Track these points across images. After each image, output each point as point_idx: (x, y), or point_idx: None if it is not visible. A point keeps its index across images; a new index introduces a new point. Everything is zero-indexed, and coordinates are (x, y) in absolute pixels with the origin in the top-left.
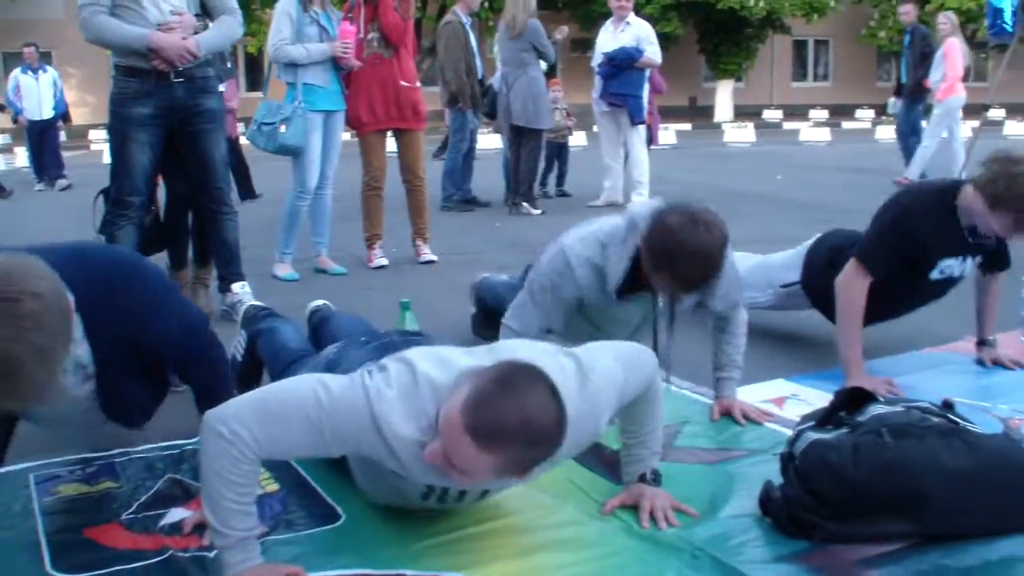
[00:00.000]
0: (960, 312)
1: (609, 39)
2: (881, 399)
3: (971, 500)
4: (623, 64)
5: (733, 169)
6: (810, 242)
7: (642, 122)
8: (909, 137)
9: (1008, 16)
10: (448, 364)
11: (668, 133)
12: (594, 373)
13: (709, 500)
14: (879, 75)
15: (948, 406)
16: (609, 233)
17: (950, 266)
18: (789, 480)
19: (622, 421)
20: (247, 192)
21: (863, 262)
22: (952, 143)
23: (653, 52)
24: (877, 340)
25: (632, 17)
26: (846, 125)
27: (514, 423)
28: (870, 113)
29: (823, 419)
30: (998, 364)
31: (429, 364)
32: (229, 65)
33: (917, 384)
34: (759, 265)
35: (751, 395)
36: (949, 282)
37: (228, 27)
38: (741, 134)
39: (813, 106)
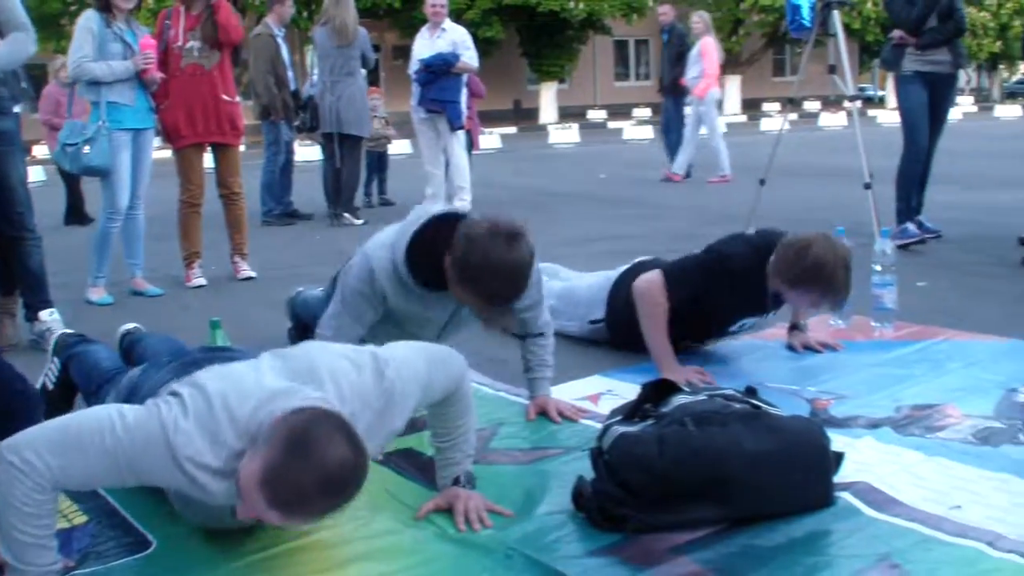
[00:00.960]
0: None
1: (426, 46)
2: (686, 389)
3: (774, 481)
4: (440, 70)
5: (558, 170)
6: (615, 275)
7: (461, 127)
8: (671, 133)
9: (806, 12)
10: (241, 385)
11: (492, 137)
12: (391, 367)
13: (524, 499)
14: None
15: (751, 392)
16: (401, 231)
17: (749, 321)
18: (600, 474)
19: (433, 425)
20: (77, 216)
21: (667, 283)
22: (713, 139)
23: (470, 57)
24: None
25: (448, 23)
26: None
27: (313, 488)
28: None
29: (630, 413)
30: (808, 348)
31: (222, 385)
32: (24, 85)
33: (730, 371)
34: (564, 295)
35: (567, 392)
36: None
37: (19, 44)
38: (566, 135)
39: (636, 105)
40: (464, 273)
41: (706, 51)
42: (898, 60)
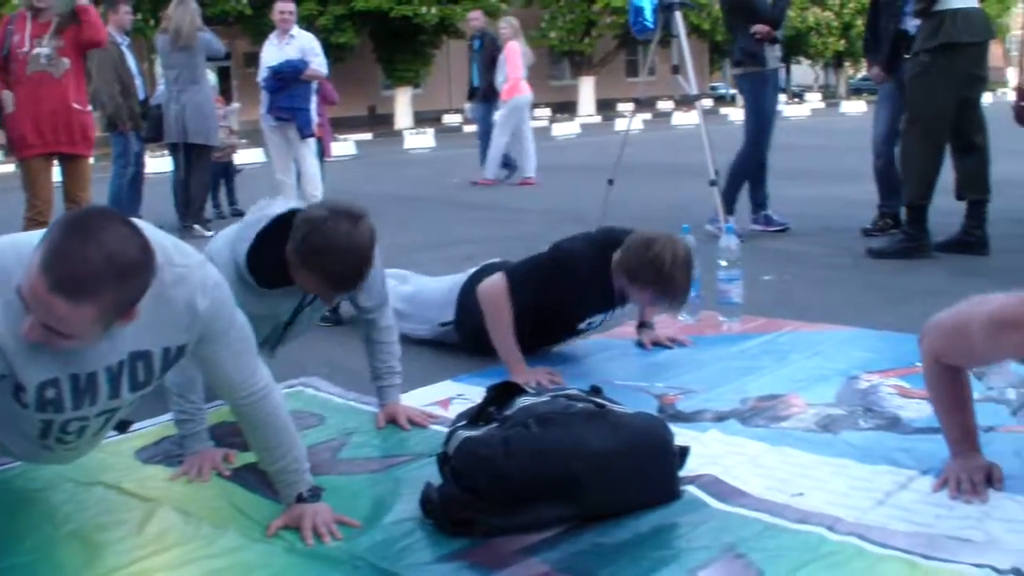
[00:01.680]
0: None
1: (274, 53)
2: (530, 391)
3: (620, 477)
4: (289, 77)
5: (413, 175)
6: (464, 278)
7: (311, 135)
8: (487, 139)
9: (648, 13)
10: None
11: (347, 144)
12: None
13: (373, 509)
14: (553, 74)
15: (596, 391)
16: (240, 232)
17: (598, 318)
18: (446, 480)
19: (256, 451)
20: None
21: (511, 286)
22: (522, 141)
23: (319, 64)
24: None
25: (296, 30)
26: None
27: (98, 264)
28: (547, 111)
29: (474, 417)
30: (657, 344)
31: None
32: None
33: (581, 370)
34: (415, 299)
35: (417, 399)
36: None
37: None
38: (421, 140)
39: None
40: (306, 256)
41: (511, 55)
42: (762, 55)
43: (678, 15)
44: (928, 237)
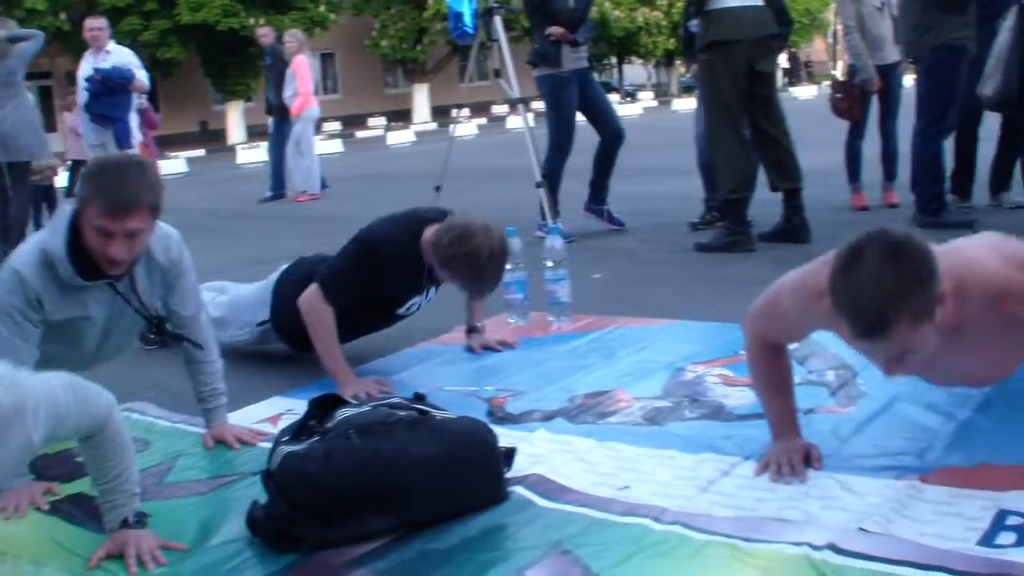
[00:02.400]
0: (452, 306)
1: (91, 71)
2: (353, 401)
3: (445, 483)
4: (116, 85)
5: (247, 191)
6: (275, 275)
7: (130, 147)
8: (278, 156)
9: (468, 19)
10: None
11: (178, 161)
12: (23, 382)
13: (200, 531)
14: (386, 82)
15: (419, 398)
16: (52, 229)
17: (416, 302)
18: (272, 497)
19: (89, 469)
20: None
21: (325, 292)
22: (306, 156)
23: (142, 76)
24: (374, 338)
25: (112, 45)
26: (360, 134)
27: None
28: (381, 120)
29: (296, 431)
30: (488, 348)
31: None
32: None
33: (411, 379)
34: (232, 305)
35: (246, 417)
36: (419, 309)
37: None
38: (254, 154)
39: (326, 119)
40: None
41: (299, 69)
42: (558, 57)
43: (498, 19)
44: (749, 229)
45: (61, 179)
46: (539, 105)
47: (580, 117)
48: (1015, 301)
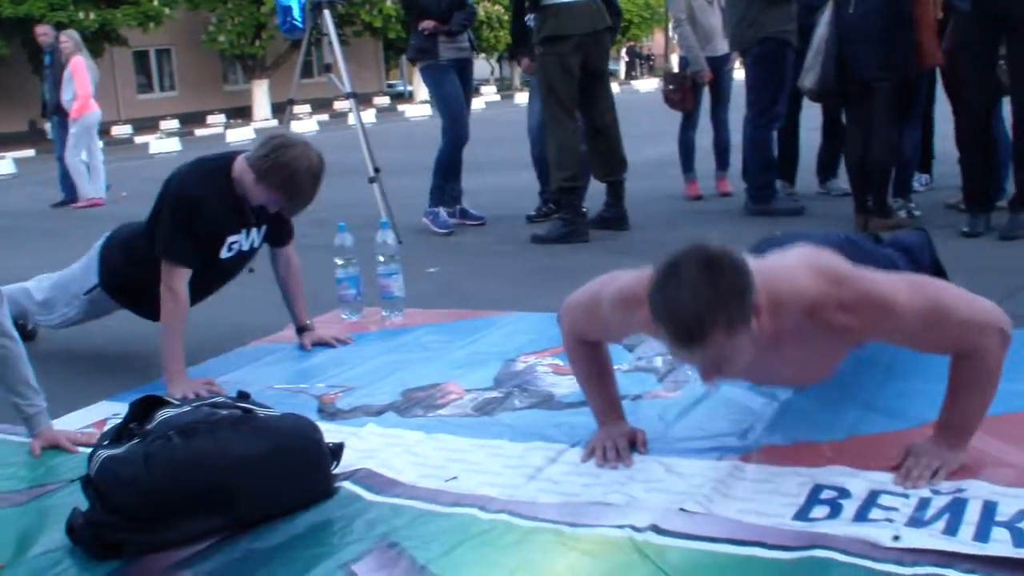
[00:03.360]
0: (283, 304)
1: None
2: (175, 402)
3: (270, 481)
4: None
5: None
6: (100, 243)
7: None
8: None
9: (297, 13)
10: None
11: (4, 162)
12: None
13: (18, 544)
14: (226, 78)
15: (243, 396)
16: None
17: (237, 241)
18: (92, 503)
19: None
20: None
21: (171, 259)
22: (92, 160)
23: None
24: (206, 337)
25: None
26: (199, 132)
27: None
28: (221, 118)
29: (116, 435)
30: (321, 344)
31: None
32: None
33: (242, 378)
34: (58, 282)
35: (73, 422)
36: (241, 258)
37: None
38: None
39: (163, 116)
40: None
41: (76, 71)
42: (435, 49)
43: (327, 13)
44: (584, 219)
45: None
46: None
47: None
48: (827, 310)
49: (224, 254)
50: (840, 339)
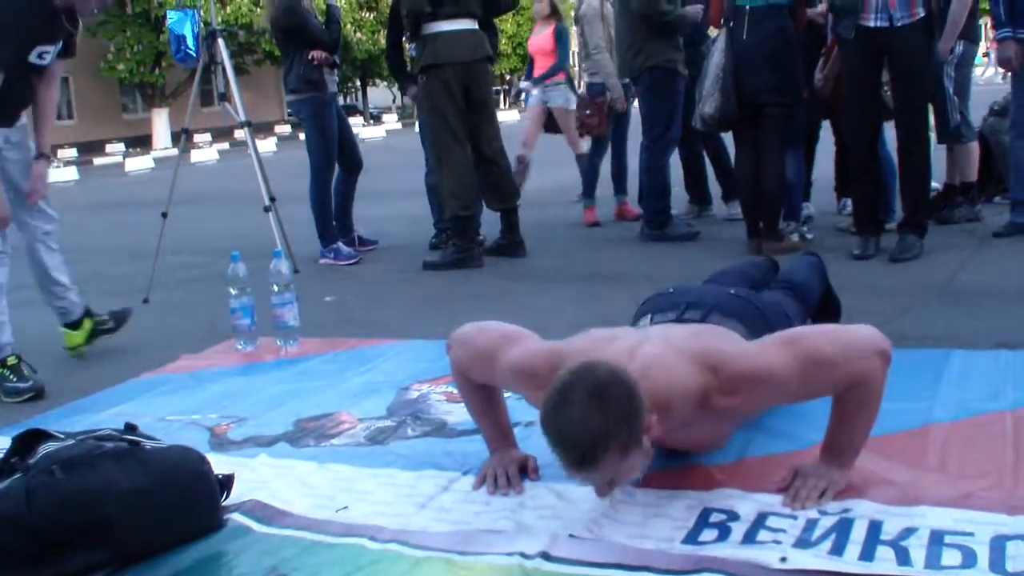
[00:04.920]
0: (176, 337)
1: None
2: (59, 435)
3: (156, 514)
4: None
5: None
6: None
7: None
8: None
9: (191, 42)
10: None
11: None
12: None
13: None
14: (124, 107)
15: (131, 428)
16: None
17: (50, 51)
18: None
19: None
20: None
21: None
22: None
23: None
24: (93, 372)
25: None
26: (97, 161)
27: None
28: (120, 146)
29: None
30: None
31: None
32: None
33: (133, 410)
34: None
35: None
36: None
37: None
38: None
39: (61, 146)
40: None
41: None
42: (322, 81)
43: (221, 42)
44: (477, 246)
45: None
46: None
47: None
48: (712, 398)
49: (31, 59)
50: (730, 417)
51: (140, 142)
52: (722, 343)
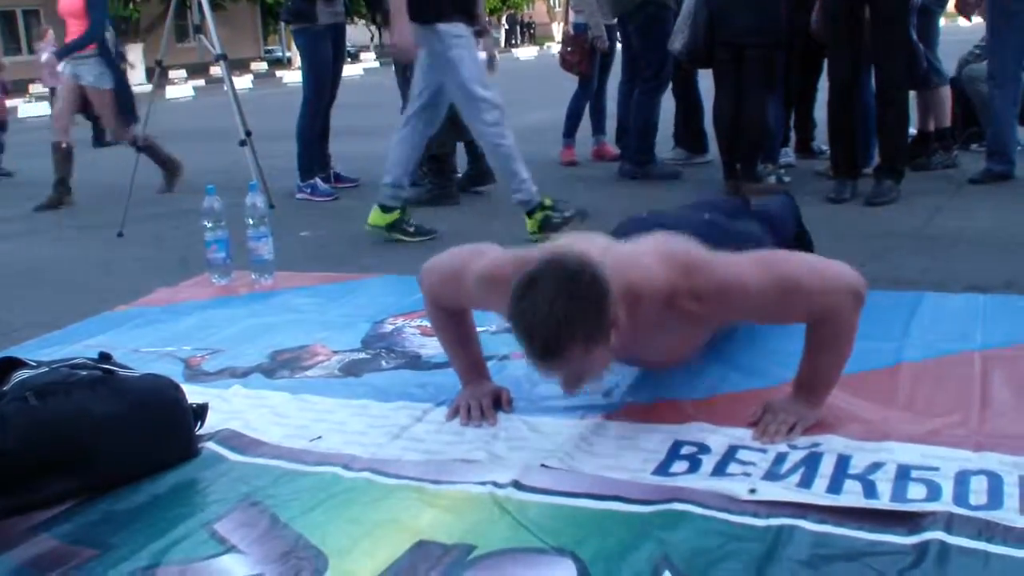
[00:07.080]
0: (151, 269)
1: None
2: (31, 363)
3: (130, 442)
4: None
5: None
6: None
7: None
8: None
9: None
10: None
11: None
12: None
13: None
14: None
15: (105, 357)
16: None
17: None
18: None
19: None
20: None
21: None
22: None
23: None
24: (67, 303)
25: None
26: None
27: None
28: None
29: None
30: None
31: None
32: None
33: (107, 342)
34: None
35: None
36: None
37: None
38: None
39: (32, 80)
40: None
41: None
42: (312, 13)
43: None
44: (453, 184)
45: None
46: (259, 66)
47: None
48: (681, 300)
49: None
50: (698, 324)
51: None
52: (697, 250)
